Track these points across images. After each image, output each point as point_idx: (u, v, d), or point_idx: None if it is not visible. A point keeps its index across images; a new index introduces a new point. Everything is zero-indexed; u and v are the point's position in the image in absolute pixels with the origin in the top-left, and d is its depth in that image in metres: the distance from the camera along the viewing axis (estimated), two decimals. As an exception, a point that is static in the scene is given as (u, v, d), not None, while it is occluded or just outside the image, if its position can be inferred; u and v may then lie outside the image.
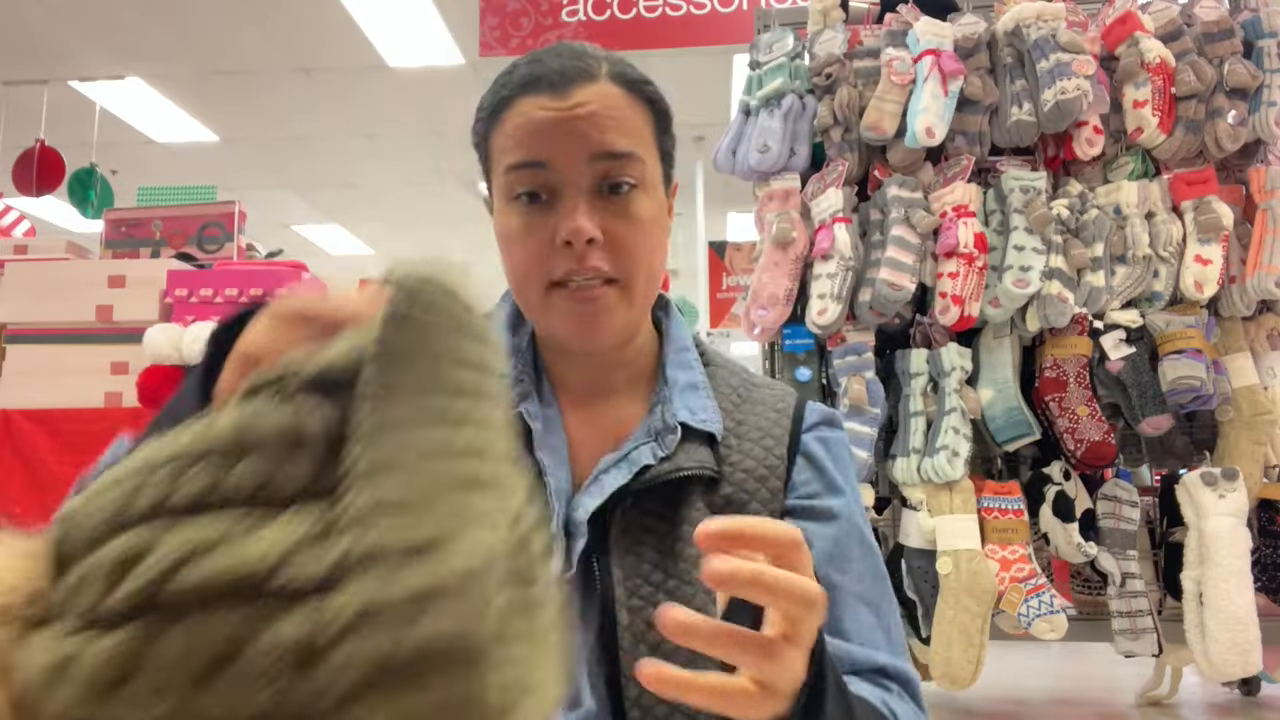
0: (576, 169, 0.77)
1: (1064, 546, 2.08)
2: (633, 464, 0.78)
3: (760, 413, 0.85)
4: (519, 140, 0.78)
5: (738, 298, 7.37)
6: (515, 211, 0.79)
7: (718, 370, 0.88)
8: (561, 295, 0.78)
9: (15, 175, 4.98)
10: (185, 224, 2.54)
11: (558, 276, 0.77)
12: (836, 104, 2.29)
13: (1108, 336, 2.15)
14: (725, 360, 0.91)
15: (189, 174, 7.13)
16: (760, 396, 0.87)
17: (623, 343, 0.84)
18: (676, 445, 0.79)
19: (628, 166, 0.78)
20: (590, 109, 0.77)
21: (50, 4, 4.78)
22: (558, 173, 0.77)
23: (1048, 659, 3.53)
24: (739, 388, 0.87)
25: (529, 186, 0.78)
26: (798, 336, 2.28)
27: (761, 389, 0.88)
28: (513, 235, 0.79)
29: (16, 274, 2.29)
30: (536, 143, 0.77)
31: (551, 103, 0.77)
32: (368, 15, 4.95)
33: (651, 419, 0.82)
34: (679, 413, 0.81)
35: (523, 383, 0.83)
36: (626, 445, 0.80)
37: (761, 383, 0.89)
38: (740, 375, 0.89)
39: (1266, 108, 2.17)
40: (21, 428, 2.17)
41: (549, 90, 0.78)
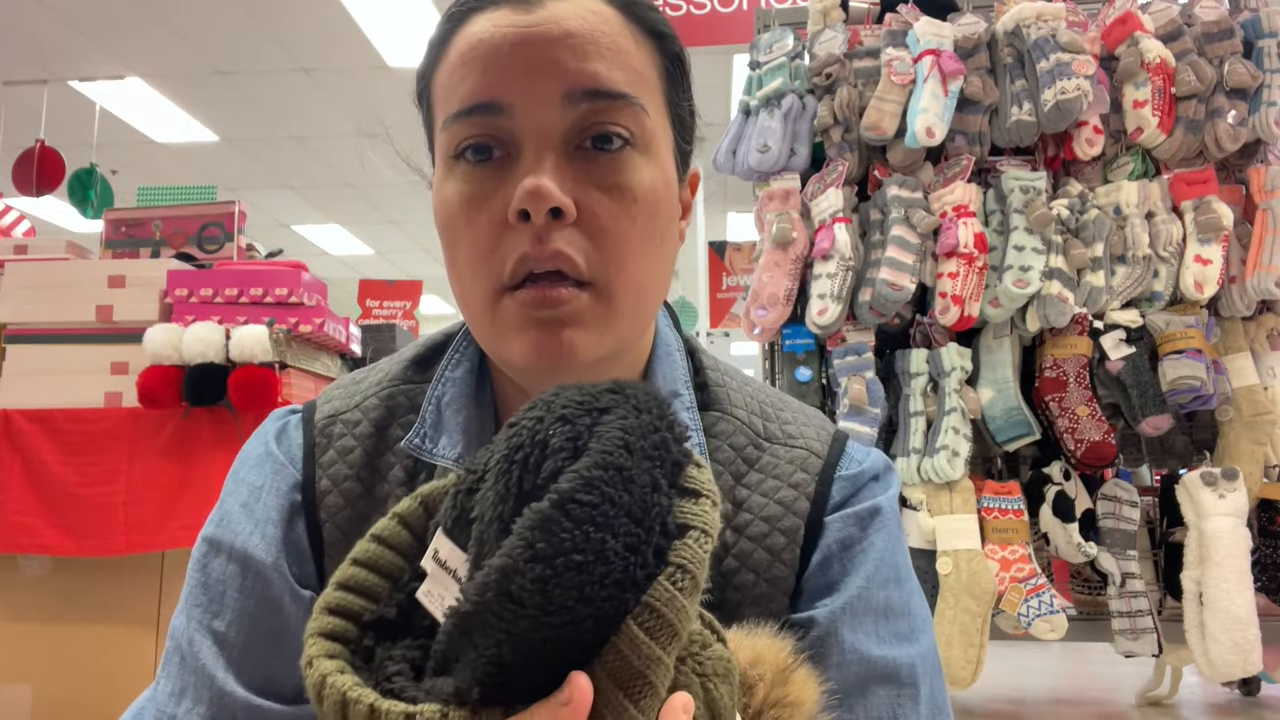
0: (545, 111, 0.54)
1: (1064, 546, 2.08)
2: None
3: (771, 490, 0.62)
4: (465, 73, 0.55)
5: (738, 298, 7.37)
6: (457, 177, 0.56)
7: (721, 420, 0.65)
8: (513, 300, 0.55)
9: (15, 175, 4.98)
10: (185, 224, 2.54)
11: (509, 274, 0.55)
12: (836, 104, 2.29)
13: (1108, 336, 2.15)
14: (736, 398, 0.67)
15: (189, 174, 7.13)
16: (775, 462, 0.63)
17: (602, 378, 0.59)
18: None
19: (620, 113, 0.55)
20: (568, 26, 0.55)
21: (50, 4, 4.78)
22: (517, 116, 0.54)
23: (1048, 659, 3.53)
24: (746, 448, 0.64)
25: (476, 138, 0.55)
26: (798, 336, 2.28)
27: (777, 446, 0.64)
28: (453, 212, 0.56)
29: (16, 274, 2.29)
30: (488, 76, 0.54)
31: (512, 17, 0.55)
32: (368, 15, 4.95)
33: None
34: None
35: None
36: None
37: (780, 434, 0.65)
38: (751, 429, 0.65)
39: (1266, 108, 2.17)
40: (21, 428, 2.17)
41: (513, 2, 0.56)
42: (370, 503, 0.62)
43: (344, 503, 0.62)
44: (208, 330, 2.13)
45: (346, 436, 0.63)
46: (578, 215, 0.55)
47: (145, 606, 2.18)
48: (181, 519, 2.11)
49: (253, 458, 0.64)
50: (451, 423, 0.62)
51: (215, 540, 0.61)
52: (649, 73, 0.59)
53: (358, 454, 0.63)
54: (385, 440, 0.63)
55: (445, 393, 0.63)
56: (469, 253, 0.56)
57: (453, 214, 0.57)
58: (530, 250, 0.54)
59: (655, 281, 0.60)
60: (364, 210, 8.29)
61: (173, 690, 0.58)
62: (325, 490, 0.62)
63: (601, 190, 0.55)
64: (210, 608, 0.59)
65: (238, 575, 0.59)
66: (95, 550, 2.11)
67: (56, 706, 2.15)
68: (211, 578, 0.60)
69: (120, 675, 2.16)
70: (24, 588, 2.21)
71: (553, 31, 0.54)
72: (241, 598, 0.59)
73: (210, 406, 2.13)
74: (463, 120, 0.55)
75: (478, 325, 0.59)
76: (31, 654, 2.17)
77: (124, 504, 2.12)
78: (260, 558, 0.59)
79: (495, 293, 0.56)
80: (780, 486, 0.62)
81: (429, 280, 10.04)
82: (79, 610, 2.18)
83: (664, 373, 0.66)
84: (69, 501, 2.12)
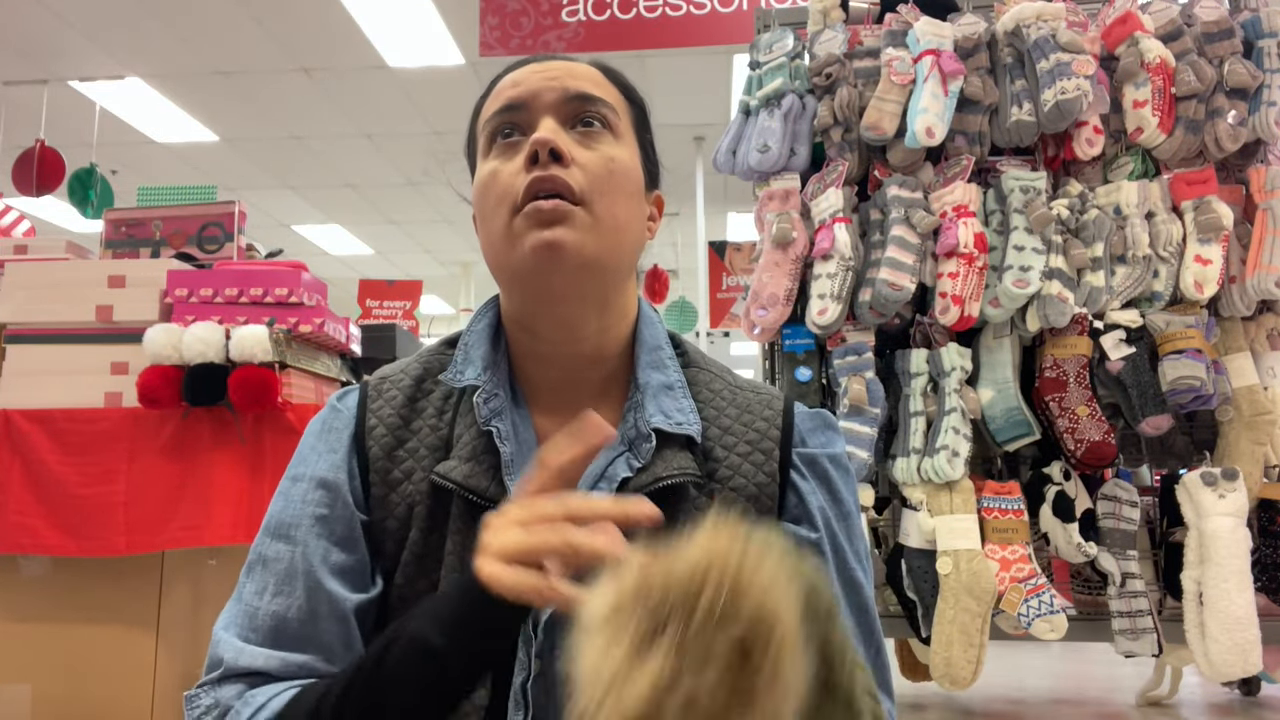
0: (550, 102, 0.78)
1: (1064, 546, 2.08)
2: (610, 480, 0.74)
3: (748, 421, 0.81)
4: (500, 96, 0.80)
5: (738, 298, 7.37)
6: (491, 156, 0.79)
7: (699, 372, 0.84)
8: (523, 218, 0.74)
9: (15, 175, 4.98)
10: (185, 224, 2.54)
11: (521, 197, 0.74)
12: (836, 104, 2.29)
13: (1108, 336, 2.15)
14: (709, 361, 0.87)
15: (189, 174, 7.13)
16: (746, 402, 0.82)
17: (593, 308, 0.78)
18: (653, 453, 0.75)
19: (601, 108, 0.79)
20: (571, 69, 0.80)
21: (50, 4, 4.78)
22: (532, 110, 0.78)
23: (1048, 659, 3.53)
24: (721, 391, 0.83)
25: (504, 125, 0.78)
26: (798, 336, 2.28)
27: (746, 392, 0.83)
28: (486, 178, 0.78)
29: (16, 274, 2.29)
30: (515, 91, 0.79)
31: (533, 66, 0.81)
32: (368, 15, 4.95)
33: (624, 426, 0.78)
34: (652, 418, 0.76)
35: (497, 397, 0.78)
36: (601, 458, 0.75)
37: (747, 385, 0.85)
38: (724, 378, 0.84)
39: (1266, 108, 2.17)
40: (21, 428, 2.17)
41: (533, 62, 0.82)
42: (406, 431, 0.79)
43: (385, 431, 0.79)
44: (208, 330, 2.13)
45: (391, 389, 0.82)
46: (572, 163, 0.75)
47: (145, 606, 2.18)
48: (181, 519, 2.11)
49: (319, 418, 0.83)
50: (475, 355, 0.80)
51: (294, 475, 0.78)
52: (621, 107, 0.82)
53: (400, 398, 0.81)
54: (421, 389, 0.82)
55: (470, 339, 0.82)
56: (496, 197, 0.76)
57: (486, 179, 0.77)
58: (540, 177, 0.73)
59: (629, 227, 0.78)
60: (364, 210, 8.29)
61: (258, 589, 0.73)
62: (373, 425, 0.80)
63: (589, 150, 0.77)
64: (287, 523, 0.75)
65: (313, 491, 0.76)
66: (95, 550, 2.11)
67: (56, 706, 2.15)
68: (292, 499, 0.76)
69: (120, 675, 2.16)
70: (24, 588, 2.21)
71: (557, 70, 0.80)
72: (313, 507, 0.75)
73: (210, 406, 2.12)
74: (496, 117, 0.79)
75: (498, 245, 0.76)
76: (31, 654, 2.17)
77: (124, 504, 2.12)
78: (328, 477, 0.77)
79: (511, 215, 0.74)
80: (755, 419, 0.81)
81: (429, 280, 10.05)
82: (79, 610, 2.18)
83: (649, 333, 0.83)
84: (69, 501, 2.12)
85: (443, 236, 9.10)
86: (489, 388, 0.78)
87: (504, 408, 0.78)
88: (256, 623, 0.72)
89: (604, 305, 0.79)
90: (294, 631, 0.72)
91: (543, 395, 0.81)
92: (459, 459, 0.76)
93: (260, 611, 0.73)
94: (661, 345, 0.83)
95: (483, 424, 0.76)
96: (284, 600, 0.73)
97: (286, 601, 0.72)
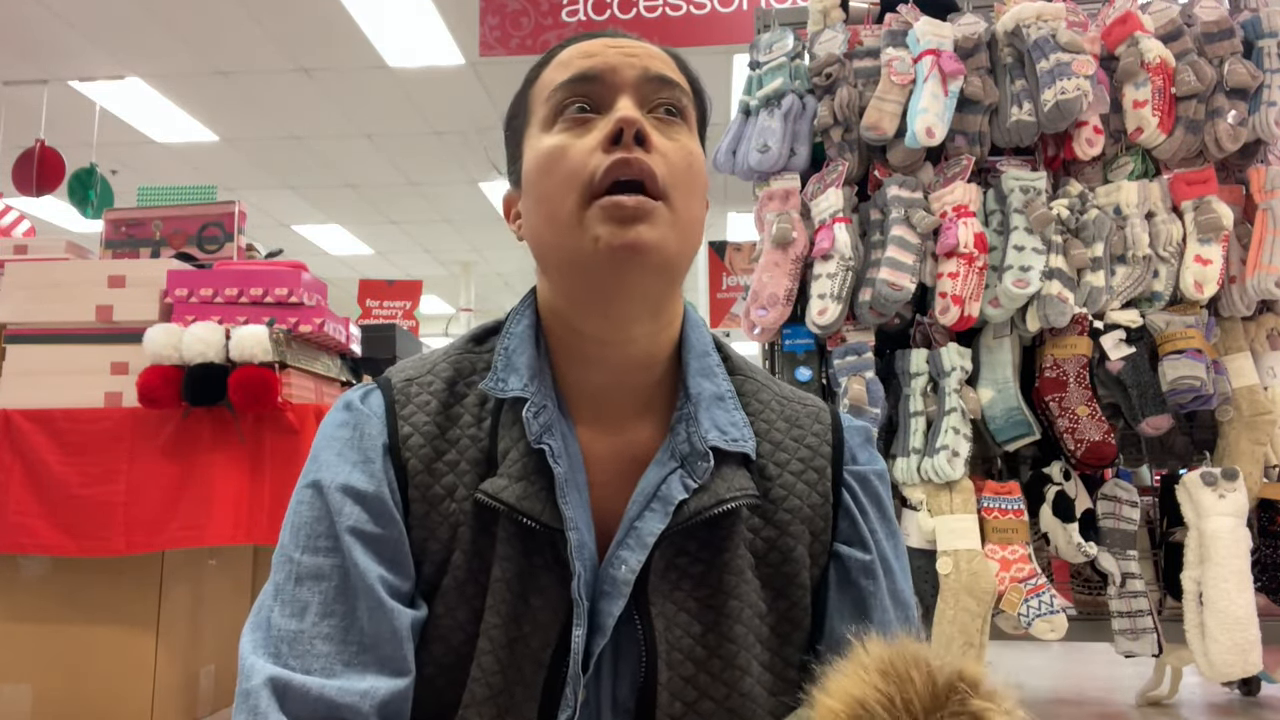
0: (630, 80, 0.71)
1: (1064, 546, 2.08)
2: (666, 503, 0.69)
3: (799, 436, 0.76)
4: (569, 64, 0.72)
5: (738, 298, 7.37)
6: (558, 129, 0.71)
7: (745, 381, 0.78)
8: (599, 207, 0.67)
9: (15, 175, 4.98)
10: (185, 224, 2.54)
11: (599, 180, 0.67)
12: (836, 104, 2.29)
13: (1108, 336, 2.15)
14: (753, 368, 0.81)
15: (189, 174, 7.13)
16: (794, 414, 0.78)
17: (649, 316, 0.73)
18: (710, 472, 0.70)
19: (681, 96, 0.73)
20: (645, 47, 0.74)
21: (50, 4, 4.78)
22: (609, 85, 0.71)
23: (1048, 659, 3.53)
24: (770, 403, 0.78)
25: (577, 98, 0.71)
26: (798, 336, 2.28)
27: (794, 404, 0.79)
28: (551, 151, 0.70)
29: (16, 274, 2.29)
30: (589, 61, 0.71)
31: (605, 39, 0.74)
32: (368, 15, 4.95)
33: (675, 439, 0.72)
34: (708, 433, 0.71)
35: (546, 410, 0.71)
36: (651, 475, 0.71)
37: (793, 396, 0.80)
38: (770, 388, 0.79)
39: (1266, 108, 2.17)
40: (21, 428, 2.17)
41: (603, 36, 0.75)
42: (443, 441, 0.73)
43: (423, 441, 0.72)
44: (208, 330, 2.13)
45: (423, 394, 0.75)
46: (654, 149, 0.68)
47: (145, 606, 2.18)
48: (181, 519, 2.11)
49: (337, 420, 0.74)
50: (518, 363, 0.73)
51: (318, 483, 0.70)
52: (690, 103, 0.75)
53: (433, 404, 0.74)
54: (455, 394, 0.75)
55: (510, 343, 0.75)
56: (564, 173, 0.68)
57: (551, 153, 0.70)
58: (623, 159, 0.67)
59: (699, 226, 0.74)
60: (364, 210, 8.29)
61: (291, 612, 0.65)
62: (407, 434, 0.72)
63: (669, 140, 0.71)
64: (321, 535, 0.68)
65: (349, 503, 0.68)
66: (95, 550, 2.11)
67: (56, 706, 2.15)
68: (322, 510, 0.69)
69: (120, 675, 2.16)
70: (24, 588, 2.21)
71: (634, 47, 0.73)
72: (352, 521, 0.68)
73: (210, 406, 2.12)
74: (567, 86, 0.71)
75: (562, 230, 0.69)
76: (31, 654, 2.17)
77: (124, 504, 2.12)
78: (363, 488, 0.69)
79: (584, 200, 0.67)
80: (805, 434, 0.77)
81: (429, 280, 10.04)
82: (79, 610, 2.18)
83: (697, 336, 0.78)
84: (69, 501, 2.12)
85: (443, 236, 9.10)
86: (537, 400, 0.71)
87: (553, 421, 0.72)
88: (302, 648, 0.64)
89: (659, 307, 0.73)
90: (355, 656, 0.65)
91: (585, 401, 0.75)
92: (509, 478, 0.69)
93: (305, 635, 0.65)
94: (709, 351, 0.78)
95: (534, 441, 0.69)
96: (336, 622, 0.65)
97: (343, 623, 0.65)
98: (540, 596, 0.68)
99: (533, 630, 0.68)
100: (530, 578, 0.69)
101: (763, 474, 0.73)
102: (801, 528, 0.73)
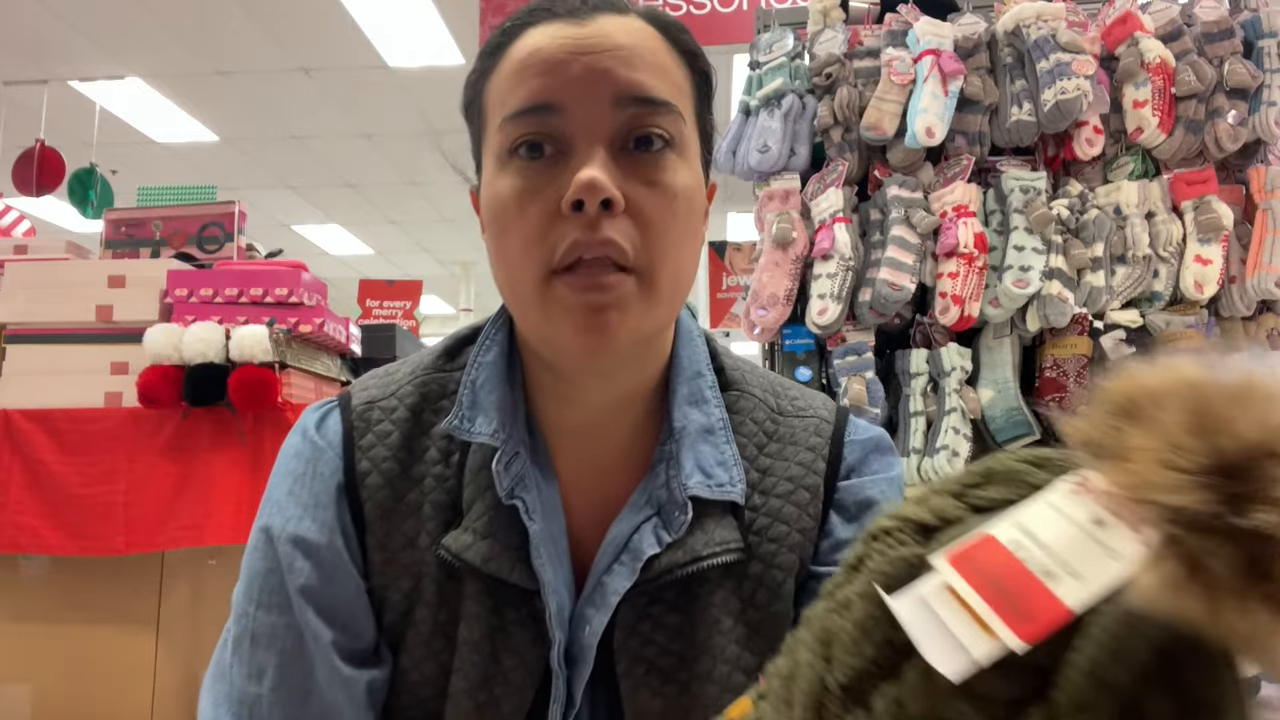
0: (596, 112, 0.58)
1: (1064, 546, 2.07)
2: (636, 557, 0.62)
3: (791, 454, 0.68)
4: (522, 79, 0.60)
5: (738, 298, 7.37)
6: (511, 172, 0.60)
7: (741, 398, 0.70)
8: (563, 284, 0.58)
9: (15, 175, 4.98)
10: (185, 224, 2.54)
11: (559, 258, 0.58)
12: (836, 104, 2.29)
13: (1108, 336, 2.15)
14: (751, 379, 0.72)
15: (189, 174, 7.13)
16: (791, 431, 0.69)
17: (635, 361, 0.66)
18: (688, 525, 0.63)
19: (661, 118, 0.60)
20: (617, 39, 0.60)
21: (50, 4, 4.78)
22: (570, 117, 0.58)
23: (1048, 659, 3.52)
24: (765, 422, 0.69)
25: (531, 135, 0.59)
26: (798, 336, 2.28)
27: (791, 418, 0.70)
28: (505, 204, 0.60)
29: (16, 274, 2.29)
30: (545, 80, 0.59)
31: (567, 30, 0.60)
32: (368, 15, 4.95)
33: (652, 483, 0.65)
34: (689, 478, 0.63)
35: (518, 457, 0.64)
36: (623, 523, 0.64)
37: (792, 409, 0.71)
38: (767, 404, 0.71)
39: (1266, 108, 2.17)
40: (21, 428, 2.17)
41: (566, 17, 0.61)
42: (407, 482, 0.66)
43: (383, 482, 0.66)
44: (208, 330, 2.13)
45: (384, 422, 0.67)
46: (625, 207, 0.59)
47: (145, 606, 2.18)
48: (181, 519, 2.11)
49: (293, 448, 0.69)
50: (486, 402, 0.65)
51: (269, 530, 0.65)
52: (684, 86, 0.64)
53: (395, 437, 0.67)
54: (420, 424, 0.68)
55: (479, 376, 0.67)
56: (521, 240, 0.59)
57: (506, 205, 0.60)
58: (582, 236, 0.57)
59: (689, 272, 0.65)
60: (364, 210, 8.29)
61: (250, 673, 0.62)
62: (365, 471, 0.66)
63: (646, 186, 0.60)
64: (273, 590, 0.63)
65: (297, 556, 0.63)
66: (95, 550, 2.11)
67: (56, 706, 2.15)
68: (274, 561, 0.64)
69: (120, 675, 2.16)
70: (24, 588, 2.21)
71: (604, 43, 0.59)
72: (301, 578, 0.63)
73: (210, 406, 2.13)
74: (520, 119, 0.59)
75: (525, 309, 0.62)
76: (31, 654, 2.17)
77: (124, 504, 2.12)
78: (314, 540, 0.64)
79: (544, 276, 0.59)
80: (799, 450, 0.68)
81: (429, 280, 10.04)
82: (79, 610, 2.18)
83: (688, 355, 0.70)
84: (69, 501, 2.12)
85: (443, 236, 9.10)
86: (508, 448, 0.63)
87: (526, 471, 0.64)
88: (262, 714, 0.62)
89: (648, 350, 0.67)
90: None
91: (563, 440, 0.67)
92: (474, 533, 0.63)
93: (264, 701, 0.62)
94: (702, 371, 0.69)
95: (505, 497, 0.62)
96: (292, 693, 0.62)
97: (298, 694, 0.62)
98: (513, 656, 0.63)
99: (505, 693, 0.63)
100: (501, 635, 0.63)
101: (748, 504, 0.65)
102: (790, 556, 0.65)
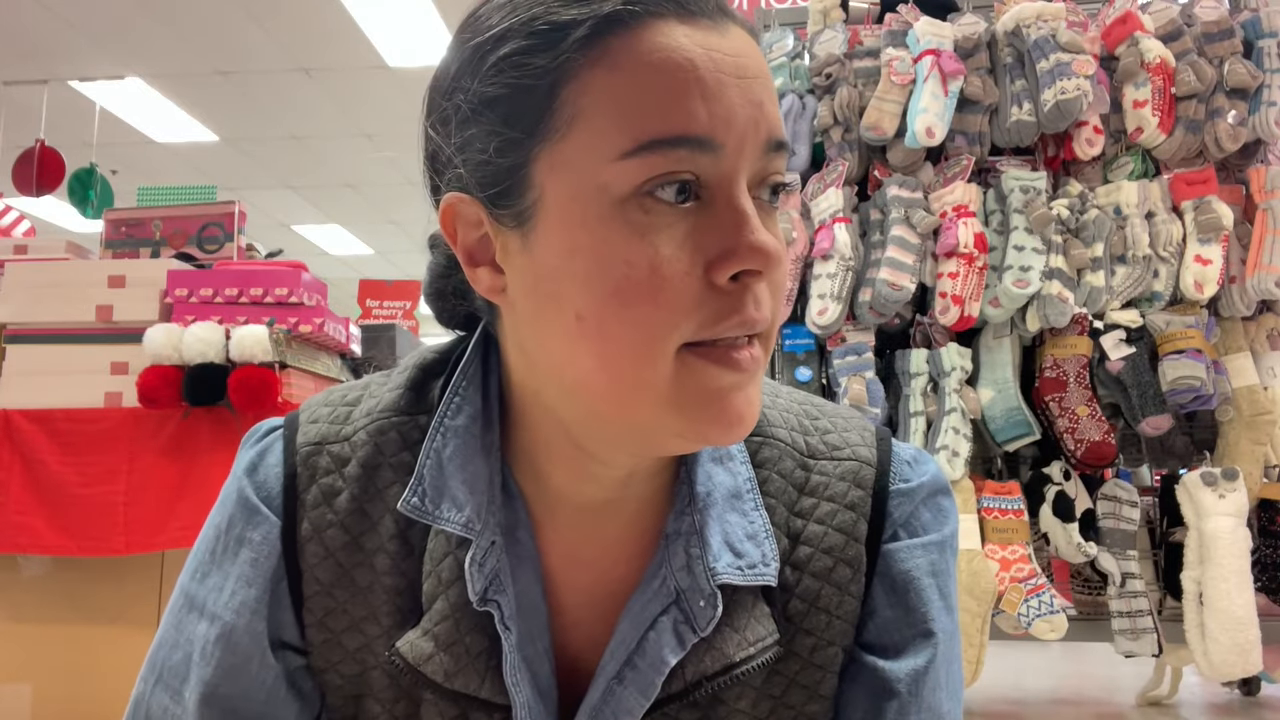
0: (750, 156, 0.46)
1: (1064, 546, 2.07)
2: (655, 666, 0.51)
3: (828, 516, 0.55)
4: (666, 93, 0.44)
5: (738, 298, 7.36)
6: (642, 217, 0.45)
7: (764, 445, 0.57)
8: (699, 360, 0.46)
9: (15, 175, 4.98)
10: (185, 224, 2.54)
11: (702, 332, 0.46)
12: (836, 104, 2.29)
13: (1108, 336, 2.15)
14: (772, 414, 0.59)
15: (189, 174, 7.13)
16: (825, 481, 0.56)
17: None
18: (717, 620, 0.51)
19: (784, 163, 0.50)
20: (759, 63, 0.47)
21: (50, 4, 4.78)
22: (725, 158, 0.45)
23: (1048, 659, 3.52)
24: (794, 472, 0.56)
25: (683, 173, 0.45)
26: (798, 336, 2.28)
27: (824, 461, 0.57)
28: (634, 261, 0.44)
29: (16, 274, 2.29)
30: (703, 106, 0.44)
31: (709, 38, 0.45)
32: (368, 15, 4.95)
33: (669, 561, 0.53)
34: (718, 559, 0.51)
35: (494, 548, 0.52)
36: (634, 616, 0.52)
37: (824, 447, 0.58)
38: (796, 448, 0.57)
39: (1266, 108, 2.17)
40: (21, 428, 2.17)
41: (701, 17, 0.46)
42: (359, 555, 0.54)
43: (325, 553, 0.54)
44: (208, 330, 2.13)
45: (333, 475, 0.55)
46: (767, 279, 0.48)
47: (145, 606, 2.18)
48: (181, 519, 2.11)
49: (229, 496, 0.58)
50: (454, 482, 0.52)
51: (193, 599, 0.57)
52: None
53: (344, 499, 0.55)
54: (375, 482, 0.55)
55: (446, 445, 0.53)
56: (663, 312, 0.45)
57: (633, 262, 0.44)
58: (751, 314, 0.46)
59: None
60: (364, 210, 8.29)
61: None
62: (307, 536, 0.55)
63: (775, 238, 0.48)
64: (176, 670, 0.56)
65: (215, 646, 0.55)
66: (95, 550, 2.11)
67: (56, 706, 2.15)
68: (181, 636, 0.56)
69: (120, 675, 2.15)
70: (24, 588, 2.21)
71: (750, 66, 0.46)
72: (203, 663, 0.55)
73: (210, 407, 2.12)
74: (669, 151, 0.44)
75: (637, 395, 0.47)
76: (31, 654, 2.17)
77: (124, 504, 2.12)
78: (229, 620, 0.54)
79: (672, 352, 0.46)
80: (837, 510, 0.55)
81: (429, 280, 10.03)
82: (79, 610, 2.18)
83: None
84: (69, 501, 2.12)
85: (443, 236, 9.10)
86: (483, 539, 0.52)
87: (503, 566, 0.52)
88: None
89: None
90: None
91: (563, 513, 0.55)
92: (434, 639, 0.51)
93: None
94: None
95: (477, 603, 0.51)
96: None
97: None
98: None
99: None
100: None
101: (780, 582, 0.54)
102: (831, 650, 0.54)
